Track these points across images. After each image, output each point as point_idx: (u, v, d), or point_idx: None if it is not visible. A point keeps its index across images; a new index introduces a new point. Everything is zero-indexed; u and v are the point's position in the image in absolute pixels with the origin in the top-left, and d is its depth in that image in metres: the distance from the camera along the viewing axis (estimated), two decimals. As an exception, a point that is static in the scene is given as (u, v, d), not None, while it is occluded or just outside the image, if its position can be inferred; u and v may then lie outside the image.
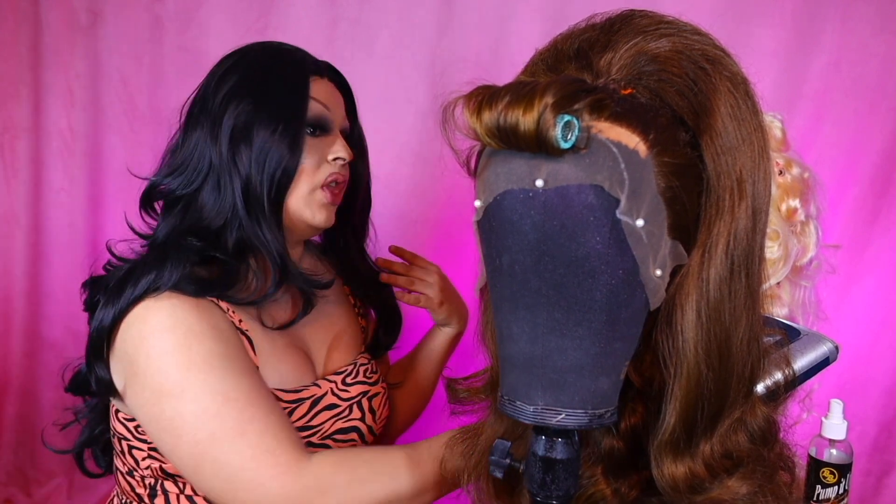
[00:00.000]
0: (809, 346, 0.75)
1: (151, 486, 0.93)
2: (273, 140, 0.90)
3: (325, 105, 0.96)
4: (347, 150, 0.97)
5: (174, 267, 0.87)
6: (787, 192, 0.95)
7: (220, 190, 0.91)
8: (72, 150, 1.91)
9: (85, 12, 1.84)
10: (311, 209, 0.95)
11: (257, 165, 0.90)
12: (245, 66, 0.95)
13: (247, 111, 0.91)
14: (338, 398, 0.99)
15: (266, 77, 0.94)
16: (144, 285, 0.86)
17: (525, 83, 0.50)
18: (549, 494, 0.58)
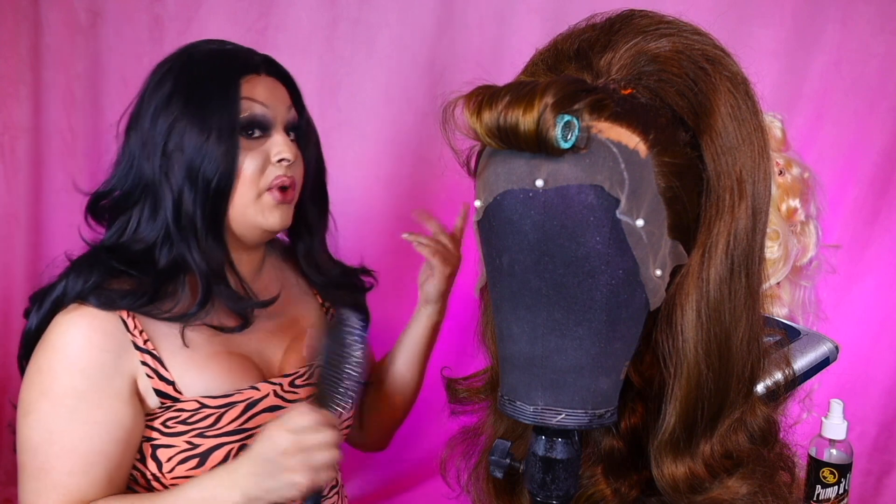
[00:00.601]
0: (809, 346, 0.76)
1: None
2: (205, 150, 0.88)
3: (262, 103, 0.92)
4: (292, 148, 0.93)
5: (76, 280, 0.89)
6: (787, 192, 0.95)
7: (155, 207, 0.90)
8: (72, 150, 1.91)
9: (85, 12, 1.84)
10: (262, 214, 0.92)
11: (189, 180, 0.88)
12: (175, 75, 0.93)
13: (177, 122, 0.89)
14: (282, 400, 0.97)
15: (195, 84, 0.91)
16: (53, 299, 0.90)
17: (525, 83, 0.50)
18: (549, 494, 0.58)
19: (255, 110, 0.92)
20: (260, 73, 0.94)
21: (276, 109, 0.94)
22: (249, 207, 0.92)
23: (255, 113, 0.91)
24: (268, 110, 0.93)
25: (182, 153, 0.88)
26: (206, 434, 0.90)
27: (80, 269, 0.90)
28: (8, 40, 1.83)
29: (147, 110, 0.92)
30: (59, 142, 1.91)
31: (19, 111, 1.87)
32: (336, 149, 1.82)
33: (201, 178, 0.88)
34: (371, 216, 1.81)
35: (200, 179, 0.88)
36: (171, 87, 0.91)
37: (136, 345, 0.89)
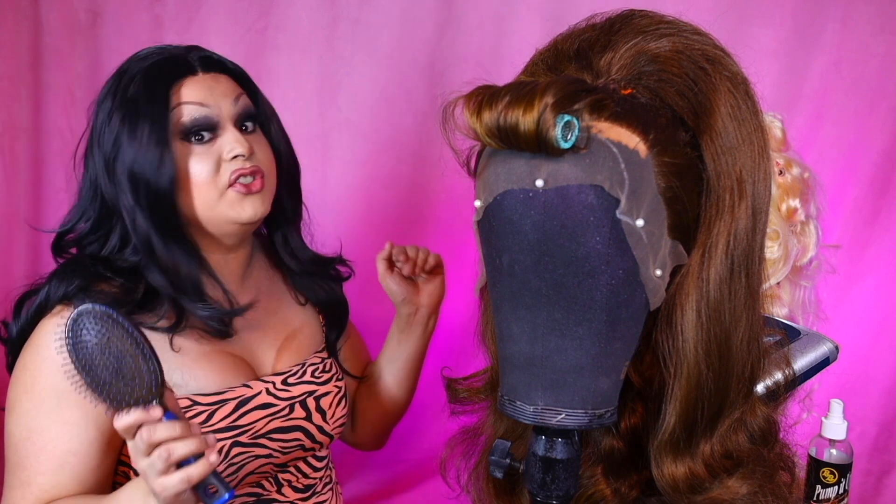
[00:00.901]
0: (809, 346, 0.75)
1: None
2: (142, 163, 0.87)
3: (199, 104, 0.90)
4: (242, 142, 0.91)
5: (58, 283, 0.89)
6: (787, 192, 0.95)
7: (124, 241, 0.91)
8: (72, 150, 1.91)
9: (85, 12, 1.84)
10: (233, 209, 0.91)
11: (135, 196, 0.88)
12: (113, 92, 0.92)
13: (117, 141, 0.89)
14: (274, 397, 0.97)
15: (129, 99, 0.90)
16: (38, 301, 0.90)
17: (525, 83, 0.50)
18: (549, 494, 0.58)
19: (193, 113, 0.90)
20: (196, 73, 0.92)
21: (218, 106, 0.91)
22: (217, 206, 0.91)
23: (193, 116, 0.90)
24: (208, 109, 0.90)
25: (125, 170, 0.88)
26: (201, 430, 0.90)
27: (64, 274, 0.90)
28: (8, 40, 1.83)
29: (95, 134, 0.92)
30: (59, 142, 1.90)
31: (19, 111, 1.86)
32: (336, 149, 1.82)
33: (144, 191, 0.88)
34: (371, 216, 1.81)
35: (144, 193, 0.88)
36: (110, 105, 0.91)
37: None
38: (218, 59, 0.96)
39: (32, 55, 1.85)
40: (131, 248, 0.91)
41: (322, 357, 1.06)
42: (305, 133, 1.72)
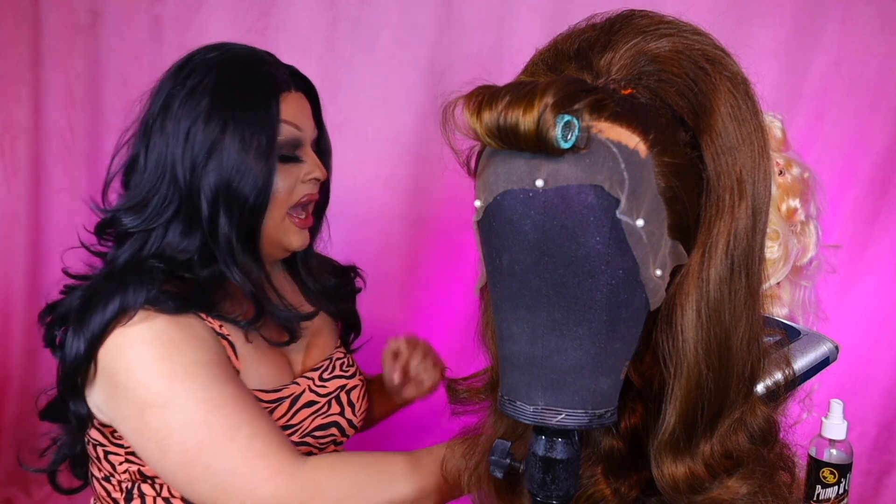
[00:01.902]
0: (809, 346, 0.75)
1: (128, 490, 0.93)
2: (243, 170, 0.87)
3: (295, 125, 0.92)
4: (321, 168, 0.94)
5: (137, 289, 0.85)
6: (787, 192, 0.95)
7: (189, 229, 0.89)
8: (72, 150, 1.91)
9: (85, 12, 1.84)
10: (286, 236, 0.94)
11: (225, 199, 0.87)
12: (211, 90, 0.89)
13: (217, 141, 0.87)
14: (316, 395, 0.99)
15: (235, 102, 0.89)
16: (113, 310, 0.84)
17: (525, 83, 0.50)
18: (549, 494, 0.58)
19: (290, 132, 0.91)
20: (290, 89, 0.93)
21: (305, 129, 0.93)
22: (278, 227, 0.93)
23: (290, 136, 0.91)
24: (299, 132, 0.92)
25: (220, 171, 0.87)
26: None
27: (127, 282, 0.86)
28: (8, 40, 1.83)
29: (179, 124, 0.88)
30: (59, 142, 1.91)
31: (19, 111, 1.87)
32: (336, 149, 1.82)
33: (237, 197, 0.87)
34: (371, 216, 1.81)
35: (236, 198, 0.87)
36: (209, 103, 0.88)
37: (214, 330, 0.90)
38: (304, 79, 0.97)
39: (32, 55, 1.85)
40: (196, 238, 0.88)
41: (343, 352, 1.10)
42: (305, 133, 1.72)
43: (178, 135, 0.88)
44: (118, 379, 0.84)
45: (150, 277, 0.86)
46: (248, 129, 0.87)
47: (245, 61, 0.92)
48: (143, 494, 0.92)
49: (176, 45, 1.85)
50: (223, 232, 0.88)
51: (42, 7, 1.83)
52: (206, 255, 0.89)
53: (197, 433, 0.82)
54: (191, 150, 0.87)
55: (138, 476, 0.91)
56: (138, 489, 0.92)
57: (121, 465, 0.91)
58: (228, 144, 0.87)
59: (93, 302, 0.86)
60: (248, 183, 0.87)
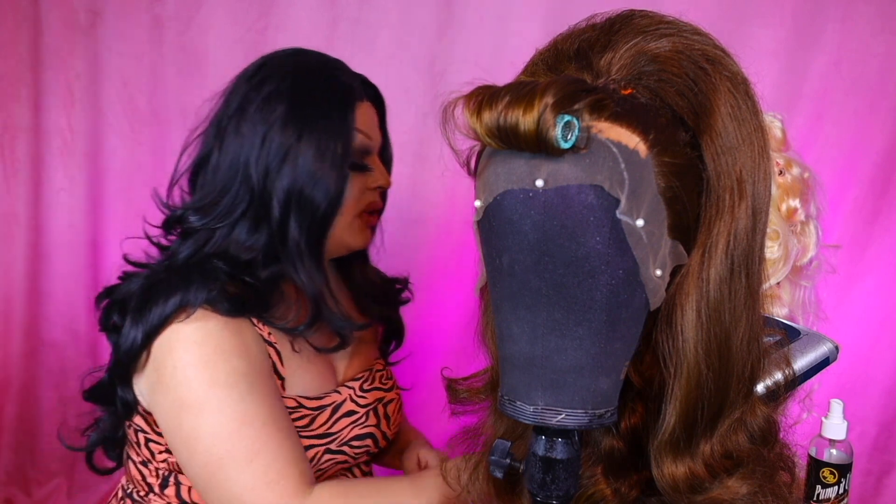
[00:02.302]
0: (809, 346, 0.75)
1: (164, 477, 0.94)
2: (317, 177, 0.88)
3: (366, 134, 0.93)
4: (387, 177, 0.96)
5: (199, 287, 0.86)
6: (787, 192, 0.95)
7: (256, 228, 0.90)
8: (72, 150, 1.91)
9: (85, 12, 1.84)
10: (353, 236, 0.95)
11: (297, 203, 0.88)
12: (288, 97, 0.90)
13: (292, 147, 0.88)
14: (356, 405, 1.00)
15: (312, 109, 0.90)
16: (173, 305, 0.86)
17: (525, 83, 0.50)
18: (549, 494, 0.58)
19: (362, 141, 0.92)
20: (363, 99, 0.94)
21: (374, 138, 0.95)
22: (345, 230, 0.94)
23: (361, 144, 0.92)
24: (369, 141, 0.94)
25: (293, 177, 0.88)
26: (301, 434, 0.91)
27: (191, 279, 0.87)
28: (8, 40, 1.83)
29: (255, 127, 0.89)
30: (59, 142, 1.91)
31: (19, 111, 1.87)
32: (336, 149, 1.82)
33: (309, 203, 0.88)
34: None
35: (308, 205, 0.88)
36: (286, 110, 0.89)
37: (262, 337, 0.91)
38: (372, 86, 0.98)
39: (32, 55, 1.85)
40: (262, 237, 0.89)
41: (383, 364, 1.10)
42: (305, 133, 1.72)
43: (253, 138, 0.89)
44: (164, 373, 0.86)
45: (214, 277, 0.88)
46: (325, 138, 0.89)
47: (320, 69, 0.94)
48: (179, 483, 0.93)
49: (176, 45, 1.85)
50: (292, 235, 0.89)
51: (42, 7, 1.83)
52: (270, 256, 0.90)
53: (222, 446, 0.84)
54: (266, 154, 0.88)
55: (175, 467, 0.92)
56: (175, 478, 0.93)
57: (160, 454, 0.92)
58: (304, 152, 0.88)
59: (154, 294, 0.87)
60: (321, 190, 0.88)
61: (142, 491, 0.96)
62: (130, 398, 0.91)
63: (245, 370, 0.86)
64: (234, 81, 0.95)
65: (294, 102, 0.89)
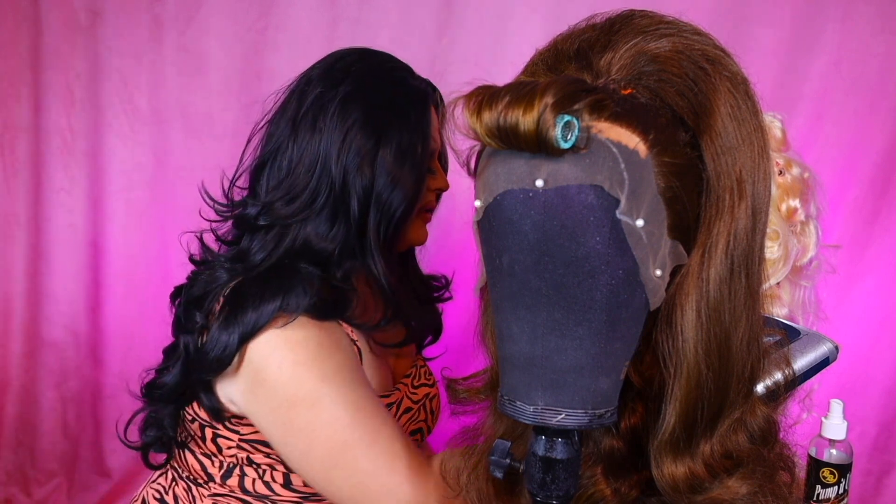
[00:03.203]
0: (809, 346, 0.75)
1: (229, 468, 0.94)
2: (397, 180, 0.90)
3: (435, 139, 0.96)
4: (446, 180, 1.00)
5: (299, 294, 0.87)
6: (787, 192, 0.95)
7: (334, 222, 0.91)
8: (72, 150, 1.91)
9: (85, 12, 1.84)
10: (416, 233, 0.98)
11: (376, 203, 0.90)
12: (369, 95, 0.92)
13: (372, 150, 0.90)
14: (411, 401, 1.02)
15: (393, 112, 0.92)
16: (272, 311, 0.86)
17: (525, 83, 0.50)
18: (549, 494, 0.58)
19: (434, 147, 0.96)
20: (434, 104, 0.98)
21: (438, 142, 0.98)
22: (409, 228, 0.97)
23: (433, 149, 0.96)
24: (436, 145, 0.97)
25: (373, 179, 0.90)
26: None
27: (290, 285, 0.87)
28: (8, 40, 1.83)
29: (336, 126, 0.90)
30: (59, 142, 1.91)
31: (19, 111, 1.87)
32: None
33: (388, 205, 0.90)
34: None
35: (387, 206, 0.91)
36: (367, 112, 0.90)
37: (348, 336, 0.93)
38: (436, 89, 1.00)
39: (32, 55, 1.85)
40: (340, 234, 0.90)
41: (423, 359, 1.13)
42: (305, 133, 1.72)
43: (333, 135, 0.90)
44: (266, 374, 0.86)
45: (310, 282, 0.88)
46: (405, 141, 0.91)
47: (394, 71, 0.96)
48: (244, 474, 0.94)
49: (176, 45, 1.85)
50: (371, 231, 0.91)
51: (42, 7, 1.83)
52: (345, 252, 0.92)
53: (342, 434, 0.85)
54: (346, 153, 0.90)
55: (245, 461, 0.93)
56: (240, 469, 0.94)
57: (229, 449, 0.93)
58: (384, 154, 0.90)
59: (247, 299, 0.87)
60: (399, 193, 0.91)
61: (200, 479, 0.96)
62: (216, 404, 0.90)
63: (349, 364, 0.88)
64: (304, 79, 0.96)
65: (373, 104, 0.91)
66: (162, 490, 1.00)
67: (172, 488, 0.99)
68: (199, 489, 0.96)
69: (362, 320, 0.94)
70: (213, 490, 0.95)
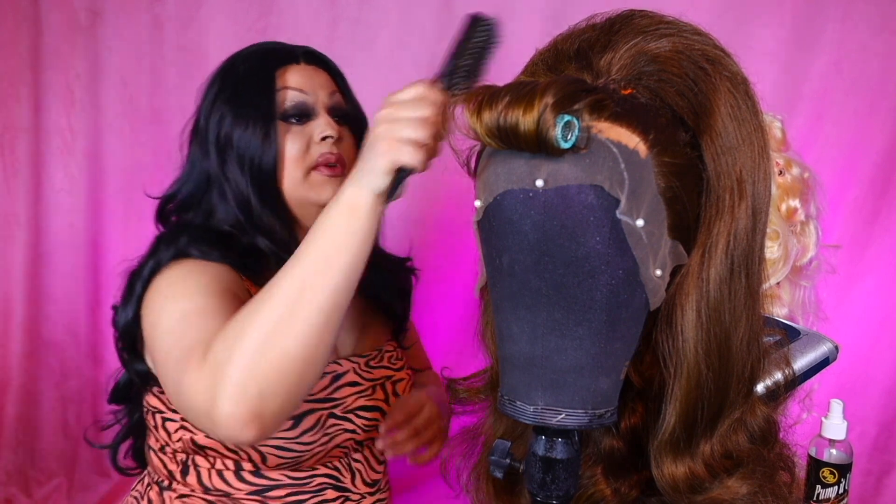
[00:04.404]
0: (809, 346, 0.76)
1: (183, 463, 0.96)
2: (248, 139, 0.95)
3: (300, 90, 0.98)
4: (333, 126, 0.98)
5: (167, 246, 0.92)
6: (787, 192, 0.95)
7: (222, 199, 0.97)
8: (72, 150, 1.91)
9: (85, 12, 1.84)
10: (313, 190, 0.97)
11: (241, 168, 0.95)
12: (222, 77, 1.00)
13: (225, 120, 0.96)
14: (360, 377, 1.02)
15: (237, 82, 0.98)
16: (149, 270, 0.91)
17: (525, 83, 0.50)
18: (549, 494, 0.58)
19: (295, 98, 0.97)
20: (299, 62, 1.00)
21: (315, 95, 0.99)
22: (300, 186, 0.97)
23: (295, 101, 0.97)
24: (307, 96, 0.98)
25: (232, 147, 0.95)
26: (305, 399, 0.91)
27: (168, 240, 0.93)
28: (8, 40, 1.83)
29: (201, 115, 0.99)
30: (59, 142, 1.91)
31: (19, 111, 1.87)
32: (336, 149, 1.82)
33: (249, 164, 0.95)
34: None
35: (249, 166, 0.95)
36: (217, 89, 0.99)
37: (249, 293, 0.92)
38: (321, 56, 1.04)
39: (32, 55, 1.85)
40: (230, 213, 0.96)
41: (394, 345, 1.12)
42: (305, 133, 1.72)
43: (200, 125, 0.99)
44: (145, 311, 0.89)
45: (179, 233, 0.93)
46: (247, 102, 0.96)
47: (248, 49, 1.02)
48: (198, 467, 0.95)
49: (176, 45, 1.85)
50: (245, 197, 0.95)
51: (42, 7, 1.83)
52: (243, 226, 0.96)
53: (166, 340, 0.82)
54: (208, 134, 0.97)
55: (191, 445, 0.94)
56: (193, 461, 0.95)
57: (175, 432, 0.94)
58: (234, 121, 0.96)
59: (133, 276, 0.93)
60: (255, 149, 0.95)
61: (165, 481, 0.98)
62: (144, 368, 0.94)
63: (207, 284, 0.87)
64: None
65: (224, 82, 0.99)
66: (138, 495, 1.02)
67: (147, 493, 1.01)
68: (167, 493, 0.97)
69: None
70: (179, 492, 0.96)
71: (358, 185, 0.71)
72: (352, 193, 0.71)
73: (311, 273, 0.71)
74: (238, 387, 0.69)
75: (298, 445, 0.92)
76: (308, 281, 0.71)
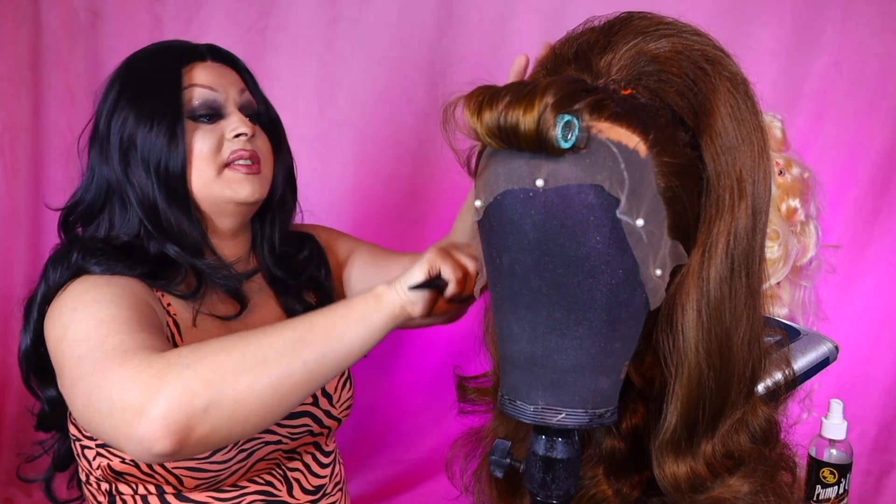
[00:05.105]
0: (809, 346, 0.76)
1: (108, 493, 0.93)
2: (152, 141, 0.90)
3: (208, 87, 0.94)
4: (247, 124, 0.95)
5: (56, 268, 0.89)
6: (787, 192, 0.95)
7: (124, 206, 0.93)
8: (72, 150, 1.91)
9: (85, 12, 1.84)
10: (230, 188, 0.93)
11: (146, 171, 0.91)
12: (123, 77, 0.95)
13: (128, 121, 0.92)
14: None
15: (138, 82, 0.94)
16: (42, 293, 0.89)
17: (525, 83, 0.50)
18: (550, 494, 0.58)
19: (203, 95, 0.94)
20: (205, 59, 0.96)
21: (225, 92, 0.95)
22: (214, 184, 0.93)
23: (203, 98, 0.93)
24: (217, 94, 0.94)
25: (136, 149, 0.91)
26: None
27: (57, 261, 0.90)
28: (8, 40, 1.83)
29: (100, 119, 0.94)
30: (59, 142, 1.91)
31: (19, 111, 1.87)
32: (336, 148, 1.82)
33: (155, 165, 0.90)
34: (371, 216, 1.81)
35: (155, 167, 0.90)
36: (118, 90, 0.94)
37: (161, 303, 0.90)
38: (227, 53, 1.00)
39: (32, 55, 1.85)
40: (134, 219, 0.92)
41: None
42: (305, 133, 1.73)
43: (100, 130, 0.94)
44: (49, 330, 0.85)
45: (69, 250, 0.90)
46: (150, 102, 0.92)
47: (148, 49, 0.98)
48: (122, 494, 0.92)
49: (176, 46, 1.85)
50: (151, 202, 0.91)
51: (42, 7, 1.83)
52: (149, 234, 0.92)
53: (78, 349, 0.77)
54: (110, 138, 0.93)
55: (109, 473, 0.91)
56: (116, 490, 0.92)
57: (94, 459, 0.91)
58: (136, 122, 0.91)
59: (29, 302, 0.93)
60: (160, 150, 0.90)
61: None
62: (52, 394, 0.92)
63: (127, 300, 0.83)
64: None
65: (124, 83, 0.94)
66: None
67: None
68: None
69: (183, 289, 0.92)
70: None
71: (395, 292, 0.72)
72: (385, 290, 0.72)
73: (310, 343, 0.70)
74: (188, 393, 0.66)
75: (212, 465, 0.88)
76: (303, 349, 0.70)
